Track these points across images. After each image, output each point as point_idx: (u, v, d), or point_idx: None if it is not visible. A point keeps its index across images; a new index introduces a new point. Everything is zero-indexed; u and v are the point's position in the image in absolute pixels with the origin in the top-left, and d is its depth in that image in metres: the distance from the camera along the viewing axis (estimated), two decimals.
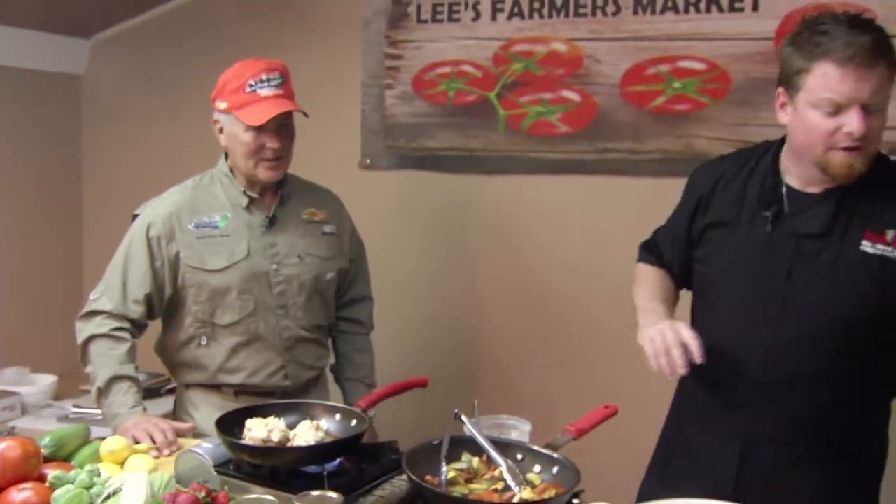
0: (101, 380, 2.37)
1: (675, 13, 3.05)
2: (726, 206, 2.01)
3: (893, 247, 1.82)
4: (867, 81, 1.75)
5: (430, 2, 3.37)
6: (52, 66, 3.85)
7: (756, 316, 1.92)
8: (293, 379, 2.51)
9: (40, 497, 1.71)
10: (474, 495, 1.65)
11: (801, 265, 1.88)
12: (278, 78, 2.45)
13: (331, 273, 2.59)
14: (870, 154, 1.83)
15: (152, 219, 2.45)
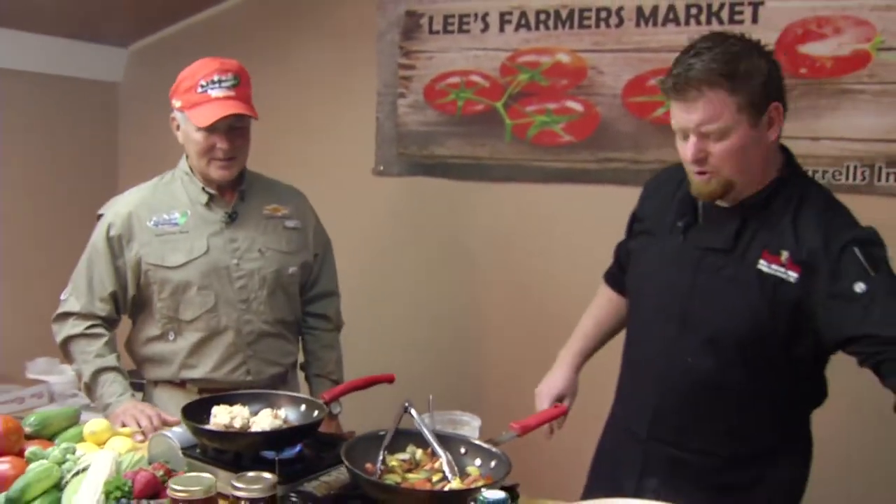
0: (86, 376, 2.49)
1: (676, 25, 3.11)
2: (654, 215, 2.09)
3: (787, 268, 1.84)
4: (694, 111, 1.80)
5: (442, 13, 3.48)
6: (90, 74, 4.05)
7: (661, 324, 1.99)
8: (255, 374, 2.55)
9: (16, 470, 1.84)
10: (407, 484, 1.73)
11: (704, 278, 1.93)
12: (231, 79, 2.46)
13: (293, 267, 2.62)
14: (729, 177, 1.85)
15: (112, 219, 2.51)
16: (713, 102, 1.79)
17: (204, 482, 1.61)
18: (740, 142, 1.82)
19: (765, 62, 1.84)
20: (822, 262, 1.81)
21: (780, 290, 1.84)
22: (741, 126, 1.81)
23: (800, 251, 1.83)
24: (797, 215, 1.88)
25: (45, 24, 3.70)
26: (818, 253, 1.82)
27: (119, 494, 1.78)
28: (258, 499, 1.60)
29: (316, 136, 3.77)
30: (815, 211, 1.88)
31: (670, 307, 1.97)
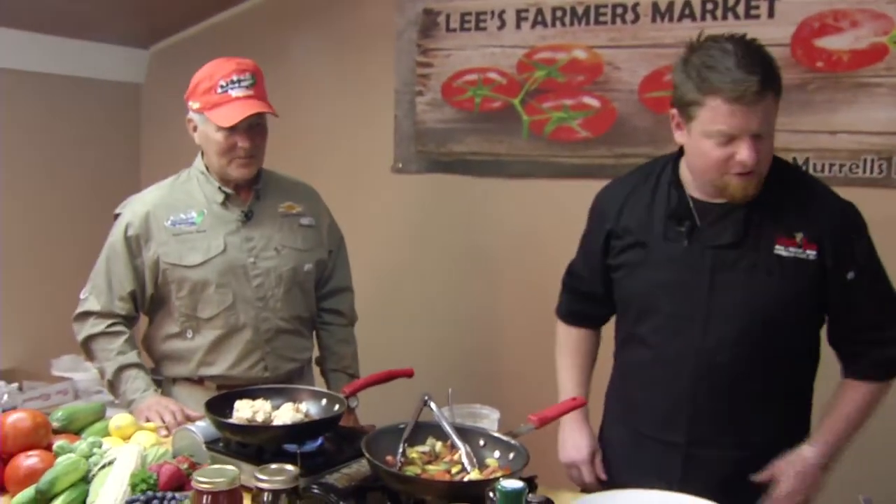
0: (109, 373, 2.53)
1: (692, 20, 3.12)
2: (637, 225, 2.08)
3: (804, 248, 1.91)
4: (755, 115, 1.83)
5: (459, 11, 3.51)
6: (113, 76, 4.11)
7: (684, 326, 2.00)
8: (273, 370, 2.59)
9: (45, 463, 1.88)
10: (426, 475, 1.76)
11: (722, 275, 1.95)
12: (249, 78, 2.49)
13: (308, 264, 2.65)
14: (763, 174, 1.91)
15: (130, 219, 2.54)
16: (769, 107, 1.85)
17: (228, 474, 1.63)
18: (772, 139, 1.90)
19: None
20: (829, 243, 1.91)
21: (802, 269, 1.91)
22: (774, 127, 1.90)
23: (813, 230, 1.91)
24: (803, 198, 1.96)
25: (67, 26, 3.76)
26: (827, 233, 1.91)
27: (145, 487, 1.82)
28: (281, 490, 1.62)
29: (335, 134, 3.81)
30: (819, 194, 1.98)
31: (691, 310, 1.99)
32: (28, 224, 3.78)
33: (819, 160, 2.96)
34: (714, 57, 1.85)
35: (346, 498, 1.75)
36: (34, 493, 1.80)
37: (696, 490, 1.79)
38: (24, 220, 3.78)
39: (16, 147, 3.75)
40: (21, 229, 3.76)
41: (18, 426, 1.97)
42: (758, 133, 1.84)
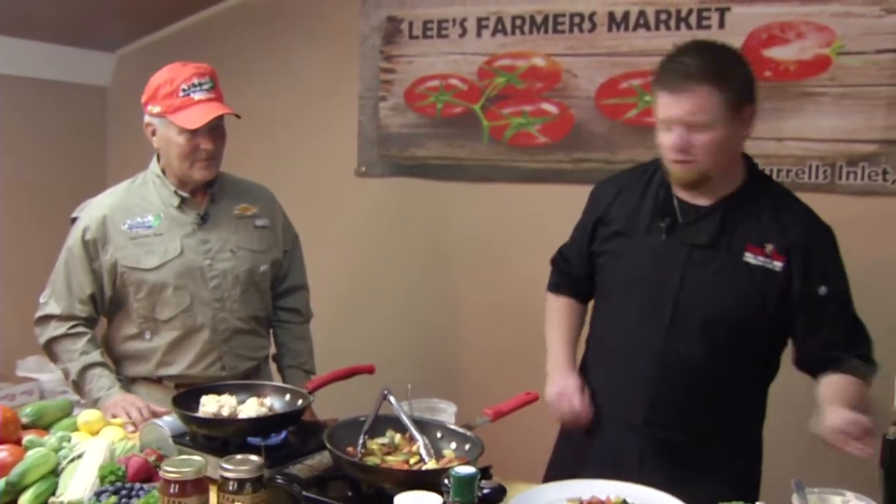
0: (73, 373, 2.56)
1: (646, 30, 3.23)
2: (624, 217, 2.22)
3: (772, 259, 2.04)
4: (684, 102, 1.98)
5: (422, 19, 3.59)
6: (79, 78, 4.14)
7: (653, 317, 2.12)
8: (230, 369, 2.63)
9: (14, 457, 1.93)
10: (385, 464, 1.84)
11: (692, 272, 2.09)
12: (209, 82, 2.54)
13: (264, 265, 2.70)
14: (706, 166, 2.03)
15: (87, 223, 2.57)
16: (702, 96, 1.97)
17: (194, 464, 1.70)
18: (720, 135, 2.00)
19: (745, 68, 2.06)
20: (798, 258, 2.02)
21: (768, 278, 2.03)
22: (722, 121, 1.99)
23: (783, 243, 2.03)
24: (778, 211, 2.07)
25: (34, 29, 3.78)
26: (796, 246, 2.03)
27: (113, 479, 1.88)
28: (246, 479, 1.69)
29: (300, 137, 3.87)
30: (793, 208, 2.10)
31: (661, 301, 2.11)
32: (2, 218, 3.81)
33: (767, 166, 3.06)
34: (672, 52, 2.06)
35: (309, 487, 1.82)
36: (4, 485, 1.85)
37: (651, 470, 1.89)
38: None
39: None
40: None
41: None
42: (688, 121, 1.98)
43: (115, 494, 1.83)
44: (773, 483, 2.16)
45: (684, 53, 2.03)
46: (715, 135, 1.99)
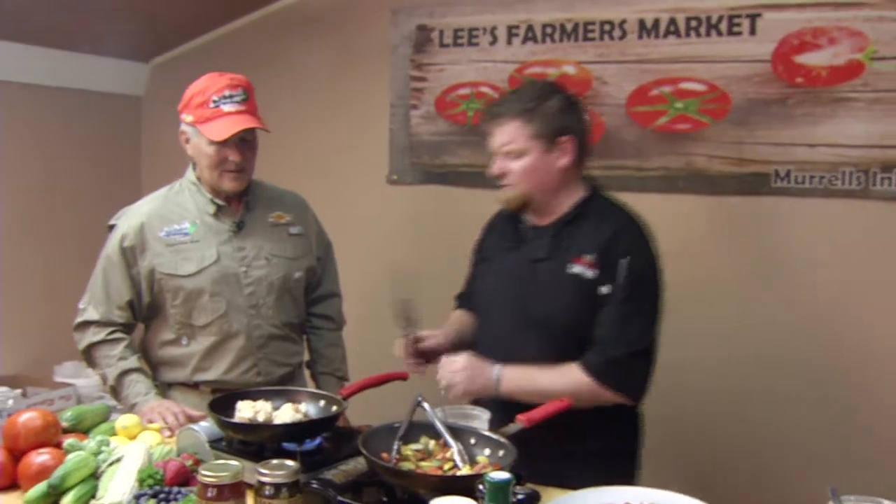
0: (111, 378, 2.60)
1: (676, 37, 3.23)
2: (491, 247, 2.54)
3: (590, 268, 2.26)
4: (498, 136, 2.32)
5: (452, 27, 3.61)
6: (114, 88, 4.20)
7: (506, 324, 2.38)
8: (265, 375, 2.67)
9: (56, 460, 1.97)
10: (420, 470, 1.85)
11: (533, 284, 2.34)
12: (241, 94, 2.56)
13: (298, 272, 2.73)
14: (522, 189, 2.32)
15: (125, 230, 2.61)
16: (510, 130, 2.29)
17: (231, 468, 1.72)
18: (532, 163, 2.30)
19: (565, 107, 2.32)
20: (603, 261, 2.25)
21: (586, 285, 2.26)
22: (534, 151, 2.29)
23: (595, 251, 2.27)
24: (598, 222, 2.32)
25: (69, 40, 3.85)
26: (602, 253, 2.26)
27: (152, 482, 1.91)
28: (282, 484, 1.71)
29: (331, 146, 3.90)
30: (612, 221, 2.32)
31: (512, 310, 2.37)
32: (31, 234, 3.87)
33: (799, 173, 3.06)
34: None
35: (344, 492, 1.83)
36: (46, 488, 1.88)
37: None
38: (27, 230, 3.86)
39: (18, 158, 3.84)
40: (24, 239, 3.84)
41: (29, 425, 2.06)
42: (503, 151, 2.31)
43: (154, 498, 1.85)
44: (808, 491, 2.15)
45: (505, 95, 2.41)
46: (527, 161, 2.29)
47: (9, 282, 3.79)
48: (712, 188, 3.21)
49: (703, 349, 3.26)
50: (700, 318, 3.25)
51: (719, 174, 3.19)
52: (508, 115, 2.29)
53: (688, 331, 3.26)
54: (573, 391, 2.17)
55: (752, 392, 3.21)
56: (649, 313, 2.29)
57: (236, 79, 2.59)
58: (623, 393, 2.24)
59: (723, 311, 3.24)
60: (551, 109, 2.29)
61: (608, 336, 2.24)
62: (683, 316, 3.25)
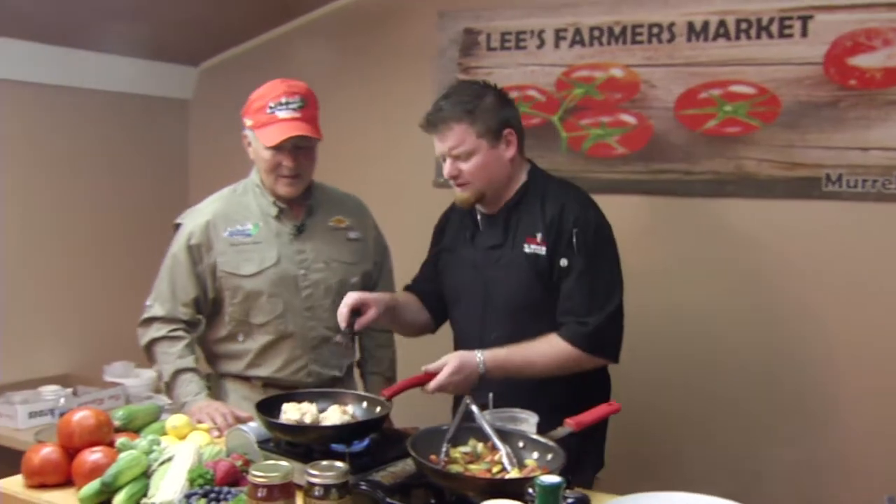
0: (166, 375, 2.65)
1: (726, 40, 3.19)
2: (451, 238, 2.64)
3: (541, 245, 2.40)
4: (445, 140, 2.41)
5: (499, 31, 3.61)
6: (163, 92, 4.26)
7: (472, 309, 2.53)
8: (316, 377, 2.71)
9: (108, 458, 2.00)
10: (469, 473, 1.85)
11: (491, 268, 2.48)
12: (298, 101, 2.60)
13: (355, 277, 2.77)
14: (477, 187, 2.42)
15: (192, 228, 2.67)
16: (457, 133, 2.39)
17: (282, 469, 1.73)
18: (483, 160, 2.40)
19: (499, 102, 2.44)
20: (550, 237, 2.38)
21: (539, 262, 2.40)
22: (482, 148, 2.40)
23: (544, 228, 2.39)
24: (543, 203, 2.42)
25: (118, 44, 3.91)
26: (551, 228, 2.38)
27: (202, 482, 1.93)
28: (331, 485, 1.72)
29: (379, 148, 3.93)
30: (554, 197, 2.43)
31: (476, 296, 2.52)
32: (83, 235, 3.93)
33: (852, 176, 3.01)
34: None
35: (392, 494, 1.84)
36: (100, 486, 1.91)
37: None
38: (80, 232, 3.92)
39: (70, 162, 3.91)
40: (76, 241, 3.90)
41: (83, 423, 2.09)
42: (453, 154, 2.40)
43: (204, 497, 1.87)
44: (863, 499, 2.13)
45: (441, 98, 2.44)
46: (477, 160, 2.40)
47: (61, 282, 3.85)
48: (762, 192, 3.17)
49: (754, 356, 3.24)
50: (750, 324, 3.23)
51: (769, 178, 3.16)
52: (452, 119, 2.38)
53: (737, 337, 3.25)
54: (559, 362, 2.34)
55: (815, 412, 3.18)
56: (611, 274, 2.42)
57: (295, 86, 2.63)
58: (606, 357, 2.41)
59: (772, 317, 3.20)
60: (490, 105, 2.40)
61: (580, 307, 2.36)
62: (733, 318, 3.25)
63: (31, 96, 3.76)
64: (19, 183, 3.76)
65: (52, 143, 3.86)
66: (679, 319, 3.34)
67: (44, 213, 3.86)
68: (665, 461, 3.28)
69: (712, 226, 3.29)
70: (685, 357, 3.34)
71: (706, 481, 2.12)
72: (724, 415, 3.28)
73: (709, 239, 3.30)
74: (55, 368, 3.86)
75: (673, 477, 2.19)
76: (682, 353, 3.34)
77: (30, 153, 3.80)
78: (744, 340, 3.24)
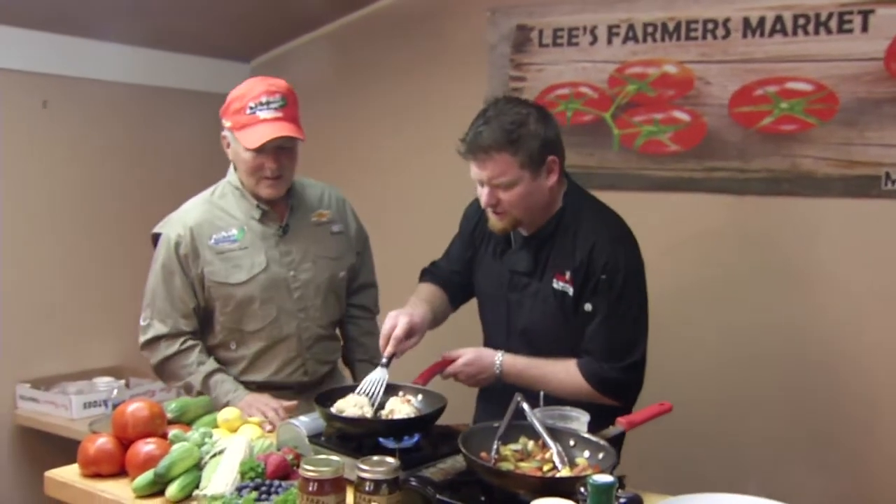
0: (197, 385, 2.58)
1: (783, 35, 3.14)
2: (482, 241, 2.55)
3: (569, 284, 2.33)
4: (485, 168, 2.28)
5: (552, 27, 3.58)
6: (215, 88, 4.27)
7: (496, 323, 2.51)
8: (311, 374, 2.69)
9: (161, 450, 2.02)
10: (519, 471, 1.84)
11: (516, 293, 2.44)
12: (279, 100, 2.51)
13: (342, 272, 2.74)
14: (515, 216, 2.32)
15: (177, 238, 2.57)
16: (499, 163, 2.25)
17: (333, 463, 1.73)
18: (524, 190, 2.28)
19: (542, 126, 2.27)
20: (580, 277, 2.31)
21: (566, 300, 2.34)
22: (524, 179, 2.27)
23: (573, 267, 2.31)
24: (575, 237, 2.34)
25: (172, 41, 3.96)
26: (579, 269, 2.31)
27: (253, 475, 1.94)
28: (382, 480, 1.72)
29: (428, 145, 3.91)
30: (587, 231, 2.33)
31: (497, 312, 2.49)
32: (130, 228, 3.97)
33: None
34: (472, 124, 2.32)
35: (443, 490, 1.83)
36: (153, 476, 1.93)
37: None
38: (136, 225, 3.96)
39: (121, 156, 3.98)
40: (132, 233, 3.94)
41: (137, 415, 2.11)
42: (492, 184, 2.27)
43: (256, 490, 1.88)
44: None
45: (481, 122, 2.28)
46: (518, 191, 2.27)
47: (113, 274, 3.90)
48: (819, 191, 3.11)
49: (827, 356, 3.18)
50: (805, 328, 3.17)
51: (826, 176, 3.10)
52: (493, 148, 2.24)
53: (803, 336, 3.18)
54: (572, 391, 2.29)
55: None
56: (635, 324, 2.34)
57: (275, 84, 2.55)
58: (619, 401, 2.32)
59: (830, 317, 3.14)
60: (533, 132, 2.26)
61: (598, 353, 2.31)
62: (786, 322, 3.19)
63: (84, 91, 3.83)
64: (84, 175, 3.85)
65: (106, 137, 3.92)
66: (729, 322, 3.29)
67: (101, 205, 3.92)
68: (683, 467, 3.20)
69: (767, 225, 3.24)
70: (731, 360, 3.30)
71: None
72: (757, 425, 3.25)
73: (763, 238, 3.25)
74: (108, 360, 3.92)
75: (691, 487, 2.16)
76: (728, 355, 3.30)
77: (89, 146, 3.87)
78: (795, 349, 3.19)
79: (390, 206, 3.89)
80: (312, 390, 2.56)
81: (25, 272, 3.69)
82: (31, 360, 3.71)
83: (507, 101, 2.35)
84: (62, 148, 3.79)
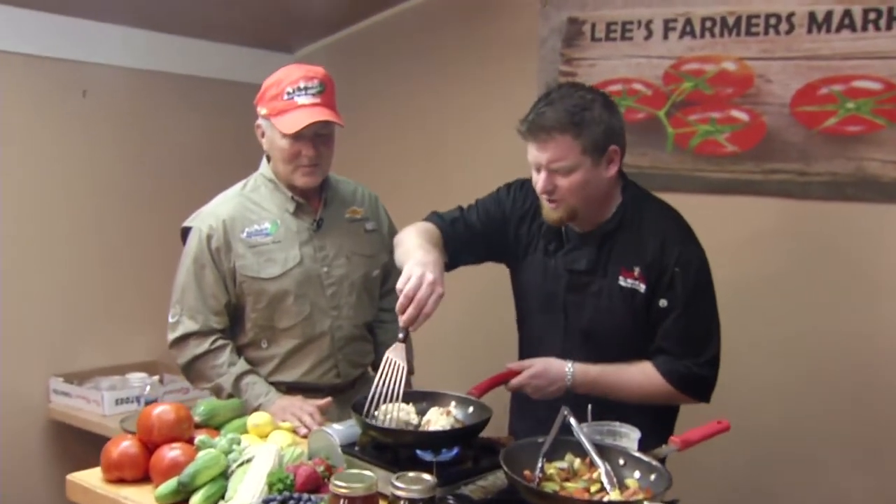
0: (228, 387, 2.49)
1: (851, 31, 2.98)
2: (528, 234, 2.41)
3: (639, 281, 2.24)
4: (545, 151, 2.16)
5: (605, 20, 3.45)
6: (259, 79, 4.19)
7: (550, 327, 2.38)
8: (344, 376, 2.60)
9: (187, 456, 1.92)
10: (565, 492, 1.72)
11: (572, 294, 2.32)
12: (317, 86, 2.46)
13: (376, 270, 2.66)
14: (571, 205, 2.21)
15: (209, 231, 2.50)
16: (561, 145, 2.14)
17: (365, 479, 1.63)
18: (583, 178, 2.17)
19: (607, 113, 2.19)
20: (652, 276, 2.23)
21: (636, 297, 2.25)
22: (584, 165, 2.17)
23: (644, 263, 2.23)
24: (641, 232, 2.26)
25: (217, 31, 3.90)
26: (653, 265, 2.23)
27: (281, 487, 1.83)
28: (418, 499, 1.61)
29: (478, 139, 3.81)
30: (653, 227, 2.27)
31: (553, 315, 2.36)
32: (169, 221, 3.90)
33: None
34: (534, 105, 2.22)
35: None
36: (176, 485, 1.84)
37: None
38: (173, 219, 3.90)
39: (168, 147, 3.94)
40: (163, 227, 3.88)
41: (163, 418, 2.02)
42: (551, 168, 2.16)
43: (283, 503, 1.78)
44: None
45: (544, 104, 2.18)
46: (577, 177, 2.17)
47: (148, 270, 3.84)
48: (886, 196, 2.94)
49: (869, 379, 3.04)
50: (868, 337, 3.02)
51: (893, 181, 2.93)
52: (556, 129, 2.13)
53: (870, 347, 3.03)
54: (650, 393, 2.24)
55: None
56: (709, 319, 2.28)
57: (312, 70, 2.49)
58: (698, 398, 2.28)
59: None
60: (598, 118, 2.17)
61: (675, 349, 2.24)
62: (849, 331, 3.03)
63: (124, 80, 3.78)
64: (124, 168, 3.82)
65: (147, 126, 3.88)
66: (790, 333, 3.14)
67: (140, 198, 3.88)
68: (742, 488, 3.07)
69: (829, 231, 3.08)
70: (792, 372, 3.15)
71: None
72: (822, 443, 3.10)
73: (825, 245, 3.09)
74: (143, 355, 3.87)
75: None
76: (788, 367, 3.15)
77: (129, 136, 3.83)
78: (861, 360, 3.03)
79: (433, 203, 3.79)
80: (344, 393, 2.49)
81: (62, 263, 3.65)
82: (65, 353, 3.68)
83: (572, 85, 2.27)
84: (102, 137, 3.75)
